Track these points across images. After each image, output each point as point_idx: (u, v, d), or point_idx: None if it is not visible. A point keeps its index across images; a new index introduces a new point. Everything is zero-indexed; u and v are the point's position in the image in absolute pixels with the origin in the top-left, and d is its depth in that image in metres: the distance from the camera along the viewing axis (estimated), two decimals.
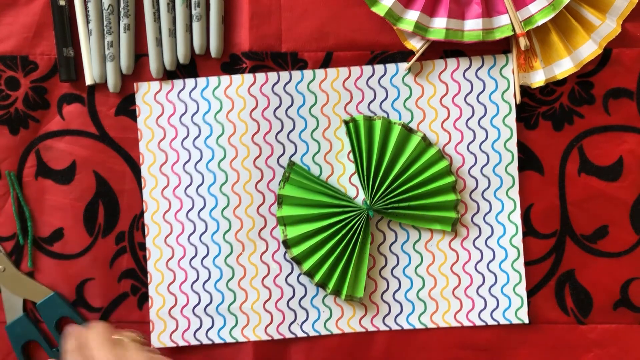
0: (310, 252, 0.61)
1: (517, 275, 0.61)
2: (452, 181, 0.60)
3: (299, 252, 0.60)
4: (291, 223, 0.61)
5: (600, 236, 0.61)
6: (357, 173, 0.60)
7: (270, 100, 0.61)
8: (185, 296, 0.62)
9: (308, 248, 0.60)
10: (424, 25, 0.59)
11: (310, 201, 0.60)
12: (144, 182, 0.62)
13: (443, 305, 0.61)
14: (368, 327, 0.62)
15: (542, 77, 0.60)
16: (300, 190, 0.61)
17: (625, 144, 0.61)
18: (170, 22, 0.61)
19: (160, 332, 0.62)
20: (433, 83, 0.61)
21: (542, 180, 0.61)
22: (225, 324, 0.62)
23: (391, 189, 0.60)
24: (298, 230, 0.61)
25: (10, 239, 0.63)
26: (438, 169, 0.60)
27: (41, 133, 0.62)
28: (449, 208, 0.61)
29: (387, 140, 0.60)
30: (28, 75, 0.62)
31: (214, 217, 0.62)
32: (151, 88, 0.62)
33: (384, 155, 0.60)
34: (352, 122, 0.60)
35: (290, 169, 0.61)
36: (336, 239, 0.60)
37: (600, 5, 0.59)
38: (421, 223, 0.61)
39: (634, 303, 0.61)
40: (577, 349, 0.62)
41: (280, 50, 0.61)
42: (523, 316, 0.61)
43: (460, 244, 0.62)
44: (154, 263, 0.62)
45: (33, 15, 0.62)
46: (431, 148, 0.60)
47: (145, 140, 0.62)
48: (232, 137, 0.61)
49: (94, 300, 0.63)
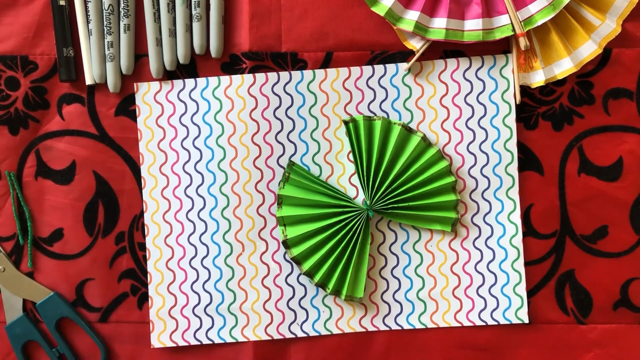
0: (310, 253, 0.61)
1: (517, 275, 0.61)
2: (452, 181, 0.60)
3: (299, 252, 0.60)
4: (291, 223, 0.61)
5: (600, 236, 0.61)
6: (357, 173, 0.60)
7: (270, 101, 0.61)
8: (185, 296, 0.62)
9: (308, 248, 0.60)
10: (424, 25, 0.59)
11: (310, 201, 0.60)
12: (144, 183, 0.62)
13: (443, 305, 0.61)
14: (368, 327, 0.62)
15: (542, 77, 0.60)
16: (300, 191, 0.61)
17: (625, 144, 0.61)
18: (170, 22, 0.61)
19: (160, 332, 0.62)
20: (433, 83, 0.61)
21: (542, 181, 0.61)
22: (225, 324, 0.62)
23: (391, 189, 0.60)
24: (298, 230, 0.61)
25: (10, 239, 0.63)
26: (438, 169, 0.60)
27: (41, 133, 0.62)
28: (448, 208, 0.61)
29: (387, 140, 0.60)
30: (28, 75, 0.62)
31: (214, 218, 0.62)
32: (151, 88, 0.62)
33: (384, 156, 0.60)
34: (352, 122, 0.60)
35: (290, 169, 0.61)
36: (336, 239, 0.60)
37: (600, 5, 0.59)
38: (421, 223, 0.61)
39: (634, 303, 0.61)
40: (577, 349, 0.62)
41: (280, 51, 0.61)
42: (523, 316, 0.61)
43: (460, 244, 0.62)
44: (154, 263, 0.62)
45: (33, 15, 0.62)
46: (431, 148, 0.60)
47: (145, 140, 0.62)
48: (231, 138, 0.61)
49: (93, 300, 0.63)
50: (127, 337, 0.63)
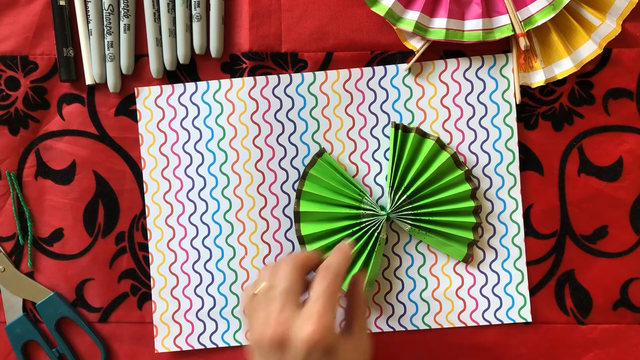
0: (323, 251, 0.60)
1: (519, 274, 0.61)
2: (471, 206, 0.60)
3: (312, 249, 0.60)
4: (306, 221, 0.61)
5: (600, 236, 0.61)
6: (387, 176, 0.60)
7: (270, 103, 0.61)
8: (188, 300, 0.62)
9: (321, 247, 0.60)
10: (424, 25, 0.59)
11: (328, 199, 0.60)
12: (146, 187, 0.62)
13: (447, 305, 0.62)
14: (372, 328, 0.62)
15: (542, 77, 0.60)
16: (319, 188, 0.60)
17: (625, 144, 0.61)
18: (171, 22, 0.61)
19: (164, 336, 0.62)
20: (433, 83, 0.61)
21: (542, 181, 0.61)
22: (229, 328, 0.62)
23: (412, 200, 0.60)
24: (313, 228, 0.60)
25: (10, 239, 0.63)
26: (460, 191, 0.60)
27: (41, 133, 0.62)
28: (466, 228, 0.60)
29: (419, 151, 0.60)
30: (28, 75, 0.62)
31: (216, 220, 0.62)
32: (152, 92, 0.62)
33: (412, 166, 0.60)
34: (396, 128, 0.60)
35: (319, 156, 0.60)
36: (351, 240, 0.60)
37: (600, 5, 0.59)
38: (437, 240, 0.61)
39: (634, 303, 0.61)
40: (577, 349, 0.62)
41: (280, 51, 0.61)
42: (526, 315, 0.61)
43: None
44: (157, 267, 0.62)
45: (33, 16, 0.62)
46: (457, 170, 0.60)
47: (147, 144, 0.62)
48: (233, 141, 0.61)
49: (93, 301, 0.63)
50: (127, 337, 0.63)
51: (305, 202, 0.61)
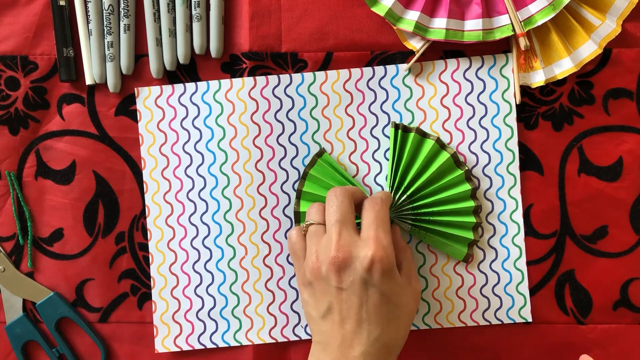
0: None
1: (519, 274, 0.61)
2: (471, 206, 0.60)
3: None
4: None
5: (600, 236, 0.61)
6: (388, 176, 0.60)
7: (271, 103, 0.61)
8: (188, 300, 0.62)
9: None
10: (424, 25, 0.59)
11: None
12: (146, 187, 0.62)
13: (447, 305, 0.61)
14: None
15: (542, 77, 0.60)
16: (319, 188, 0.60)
17: (625, 144, 0.61)
18: (171, 23, 0.61)
19: (165, 336, 0.62)
20: (433, 84, 0.61)
21: (542, 181, 0.61)
22: (229, 328, 0.62)
23: (412, 199, 0.60)
24: None
25: (10, 239, 0.63)
26: (460, 191, 0.60)
27: (41, 133, 0.62)
28: (466, 228, 0.60)
29: (419, 151, 0.60)
30: (28, 75, 0.62)
31: (216, 220, 0.62)
32: (152, 93, 0.61)
33: (412, 166, 0.60)
34: (396, 128, 0.60)
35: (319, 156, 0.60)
36: None
37: (600, 5, 0.59)
38: (437, 240, 0.61)
39: (634, 303, 0.61)
40: (577, 349, 0.62)
41: (280, 51, 0.61)
42: (526, 315, 0.61)
43: None
44: (157, 267, 0.62)
45: (33, 16, 0.62)
46: (457, 170, 0.60)
47: (147, 144, 0.62)
48: (233, 141, 0.61)
49: (93, 301, 0.63)
50: (127, 337, 0.63)
51: (305, 202, 0.61)
